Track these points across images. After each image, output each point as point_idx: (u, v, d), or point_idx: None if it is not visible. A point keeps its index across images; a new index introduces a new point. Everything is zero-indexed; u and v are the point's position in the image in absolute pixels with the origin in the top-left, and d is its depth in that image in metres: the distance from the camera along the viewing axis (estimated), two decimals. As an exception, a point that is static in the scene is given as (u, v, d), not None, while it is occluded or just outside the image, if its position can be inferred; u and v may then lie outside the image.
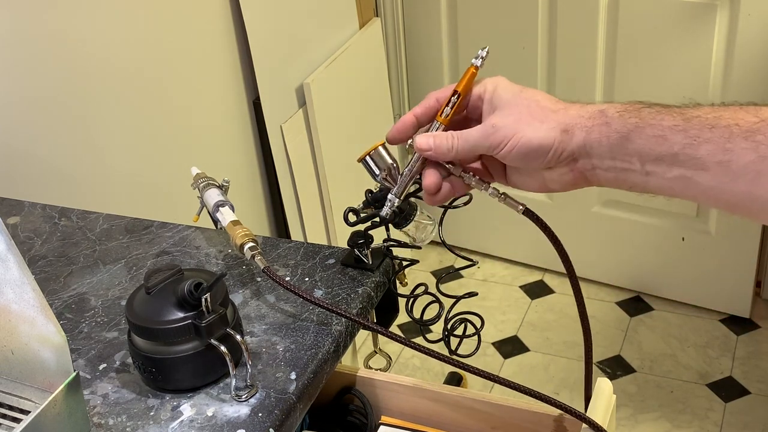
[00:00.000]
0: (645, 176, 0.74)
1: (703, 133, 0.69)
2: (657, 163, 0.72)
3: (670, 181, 0.72)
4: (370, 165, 0.86)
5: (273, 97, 2.04)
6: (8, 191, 1.33)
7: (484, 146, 0.80)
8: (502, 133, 0.78)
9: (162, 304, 0.88)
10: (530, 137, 0.77)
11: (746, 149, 0.67)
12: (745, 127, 0.67)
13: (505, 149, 0.78)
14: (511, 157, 0.79)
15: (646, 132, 0.72)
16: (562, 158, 0.77)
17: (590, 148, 0.75)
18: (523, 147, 0.77)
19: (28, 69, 1.42)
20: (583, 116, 0.76)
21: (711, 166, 0.69)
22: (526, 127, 0.77)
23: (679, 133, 0.70)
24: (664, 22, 2.20)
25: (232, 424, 0.87)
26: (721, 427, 2.17)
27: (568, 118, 0.77)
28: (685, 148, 0.70)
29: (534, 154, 0.78)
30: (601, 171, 0.77)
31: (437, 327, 1.04)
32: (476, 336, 1.03)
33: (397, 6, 2.54)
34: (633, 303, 2.57)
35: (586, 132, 0.76)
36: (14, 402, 0.86)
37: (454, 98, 0.83)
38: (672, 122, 0.71)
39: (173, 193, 1.68)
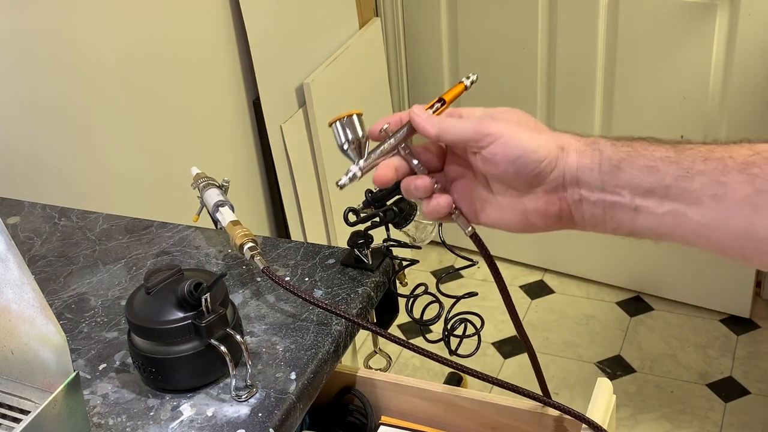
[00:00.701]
0: (634, 212, 0.70)
1: (696, 165, 0.66)
2: (648, 196, 0.68)
3: (660, 218, 0.68)
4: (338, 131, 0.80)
5: (273, 97, 2.04)
6: (8, 191, 1.33)
7: (475, 131, 0.73)
8: (497, 126, 0.72)
9: (162, 304, 0.88)
10: (526, 139, 0.72)
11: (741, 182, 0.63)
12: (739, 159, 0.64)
13: (496, 144, 0.72)
14: (501, 155, 0.72)
15: (638, 162, 0.68)
16: (553, 177, 0.72)
17: (581, 173, 0.71)
18: (516, 146, 0.71)
19: (28, 69, 1.42)
20: (576, 140, 0.73)
21: (704, 200, 0.65)
22: (523, 131, 0.72)
23: (671, 164, 0.67)
24: (664, 22, 2.20)
25: (232, 424, 0.87)
26: (721, 427, 2.17)
27: (562, 137, 0.73)
28: (678, 180, 0.66)
29: (526, 158, 0.71)
30: (588, 205, 0.72)
31: (437, 327, 1.04)
32: (476, 336, 1.03)
33: (397, 6, 2.54)
34: (633, 303, 2.57)
35: (579, 155, 0.71)
36: (14, 402, 0.86)
37: (438, 105, 0.79)
38: (664, 153, 0.68)
39: (173, 193, 1.68)
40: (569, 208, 0.73)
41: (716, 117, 2.23)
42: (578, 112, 2.43)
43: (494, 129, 0.72)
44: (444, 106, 0.79)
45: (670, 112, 2.29)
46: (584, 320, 2.52)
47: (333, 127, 0.80)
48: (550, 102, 2.46)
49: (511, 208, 0.75)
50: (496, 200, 0.76)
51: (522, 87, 2.47)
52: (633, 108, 2.34)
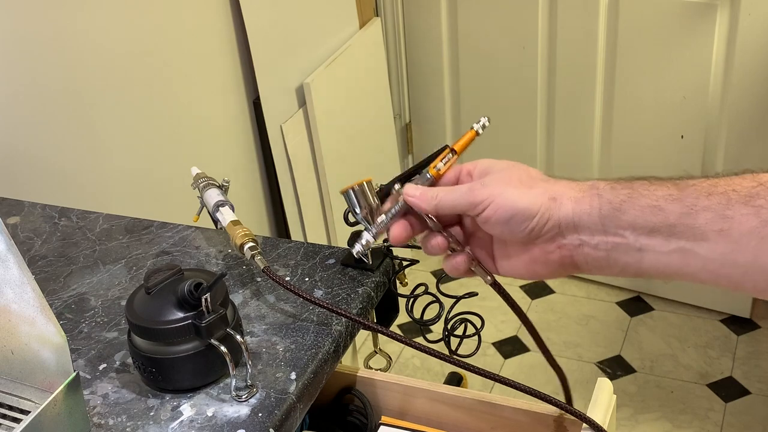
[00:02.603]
0: (639, 252, 0.69)
1: (700, 201, 0.65)
2: (652, 235, 0.67)
3: (667, 256, 0.67)
4: (351, 199, 0.83)
5: (273, 97, 2.04)
6: (8, 191, 1.33)
7: (467, 202, 0.75)
8: (488, 191, 0.73)
9: (162, 304, 0.88)
10: (515, 199, 0.72)
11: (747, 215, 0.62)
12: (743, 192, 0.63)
13: (489, 209, 0.73)
14: (495, 219, 0.74)
15: (639, 202, 0.68)
16: (548, 228, 0.72)
17: (579, 219, 0.71)
18: (508, 209, 0.72)
19: (29, 69, 1.42)
20: (572, 188, 0.73)
21: (711, 236, 0.64)
22: (513, 190, 0.73)
23: (674, 202, 0.66)
24: (664, 22, 2.20)
25: (232, 424, 0.87)
26: (721, 427, 2.17)
27: (557, 187, 0.73)
28: (682, 218, 0.65)
29: (518, 217, 0.72)
30: (589, 249, 0.72)
31: (437, 327, 1.04)
32: (476, 336, 1.03)
33: (397, 6, 2.54)
34: (633, 303, 2.57)
35: (574, 202, 0.71)
36: (14, 402, 0.86)
37: (450, 155, 0.80)
38: (666, 192, 0.67)
39: (173, 193, 1.68)
40: (570, 254, 0.73)
41: (716, 117, 2.23)
42: (578, 112, 2.43)
43: (485, 195, 0.74)
44: (455, 156, 0.80)
45: (670, 112, 2.29)
46: (584, 320, 2.52)
47: (345, 195, 0.83)
48: (550, 102, 2.46)
49: (518, 259, 0.77)
50: (507, 251, 0.78)
51: (522, 87, 2.47)
52: (633, 108, 2.34)
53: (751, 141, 2.22)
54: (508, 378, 0.88)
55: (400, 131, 2.70)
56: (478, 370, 0.88)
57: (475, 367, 0.88)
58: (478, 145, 0.91)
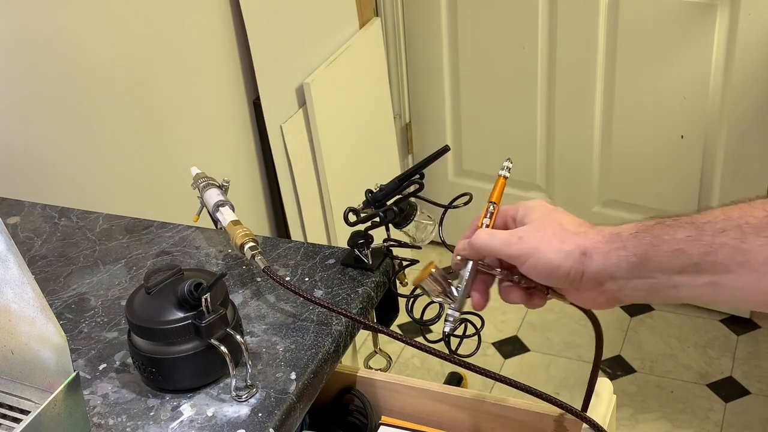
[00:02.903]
0: (674, 288, 0.74)
1: (717, 239, 0.70)
2: (682, 274, 0.72)
3: (700, 288, 0.72)
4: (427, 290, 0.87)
5: (273, 97, 2.04)
6: (8, 191, 1.33)
7: (505, 253, 0.81)
8: (524, 247, 0.79)
9: (162, 304, 0.88)
10: (550, 258, 0.78)
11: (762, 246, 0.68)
12: (755, 223, 0.68)
13: (526, 265, 0.79)
14: (534, 274, 0.80)
15: (662, 249, 0.73)
16: (585, 280, 0.78)
17: (612, 272, 0.76)
18: (543, 267, 0.79)
19: (29, 69, 1.42)
20: (600, 241, 0.77)
21: (734, 268, 0.69)
22: (547, 247, 0.78)
23: (694, 243, 0.71)
24: (664, 22, 2.20)
25: (232, 424, 0.87)
26: (721, 427, 2.17)
27: (587, 241, 0.78)
28: (705, 256, 0.70)
29: (554, 275, 0.79)
30: (629, 290, 0.77)
31: (437, 327, 1.04)
32: (476, 336, 1.03)
33: (397, 6, 2.54)
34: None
35: (603, 257, 0.76)
36: (14, 402, 0.86)
37: (491, 208, 0.86)
38: (685, 234, 0.72)
39: (173, 193, 1.68)
40: (614, 295, 0.79)
41: (716, 117, 2.23)
42: (578, 113, 2.43)
43: (520, 251, 0.79)
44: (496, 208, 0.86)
45: (670, 112, 2.29)
46: (584, 320, 2.49)
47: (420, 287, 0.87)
48: (550, 102, 2.46)
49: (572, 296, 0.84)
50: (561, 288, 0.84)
51: (522, 87, 2.47)
52: (633, 108, 2.34)
53: (751, 141, 2.22)
54: (507, 377, 0.88)
55: (400, 131, 2.70)
56: (478, 369, 0.88)
57: (475, 366, 0.88)
58: (480, 143, 0.91)
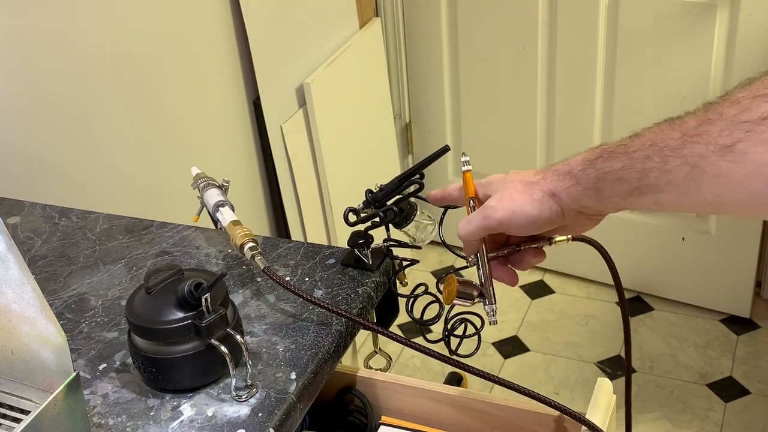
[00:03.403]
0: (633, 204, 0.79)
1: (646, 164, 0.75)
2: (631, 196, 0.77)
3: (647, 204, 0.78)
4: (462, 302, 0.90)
5: (273, 97, 2.04)
6: (8, 191, 1.33)
7: (488, 226, 0.85)
8: (500, 213, 0.84)
9: (162, 304, 0.88)
10: (528, 211, 0.83)
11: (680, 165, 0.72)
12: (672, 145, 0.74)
13: (510, 227, 0.84)
14: (520, 230, 0.85)
15: (607, 179, 0.78)
16: (567, 214, 0.83)
17: (580, 200, 0.81)
18: (526, 221, 0.83)
19: (28, 69, 1.42)
20: (558, 180, 0.83)
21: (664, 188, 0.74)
22: (520, 203, 0.83)
23: (628, 171, 0.76)
24: (664, 22, 2.20)
25: (232, 424, 0.87)
26: (721, 427, 2.17)
27: (548, 184, 0.83)
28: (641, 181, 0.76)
29: (538, 222, 0.83)
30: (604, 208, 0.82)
31: (437, 327, 1.04)
32: (476, 336, 1.03)
33: (397, 6, 2.54)
34: (633, 303, 2.57)
35: (566, 193, 0.82)
36: (14, 402, 0.86)
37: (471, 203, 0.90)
38: (621, 164, 0.77)
39: (173, 193, 1.68)
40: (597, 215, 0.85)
41: (716, 117, 2.23)
42: (578, 113, 2.43)
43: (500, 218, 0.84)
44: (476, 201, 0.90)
45: (670, 112, 2.26)
46: (584, 320, 2.52)
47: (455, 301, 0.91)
48: (550, 102, 2.46)
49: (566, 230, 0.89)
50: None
51: (522, 87, 2.47)
52: (633, 108, 2.34)
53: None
54: (505, 379, 0.88)
55: (400, 131, 2.70)
56: (476, 371, 0.88)
57: (474, 368, 0.88)
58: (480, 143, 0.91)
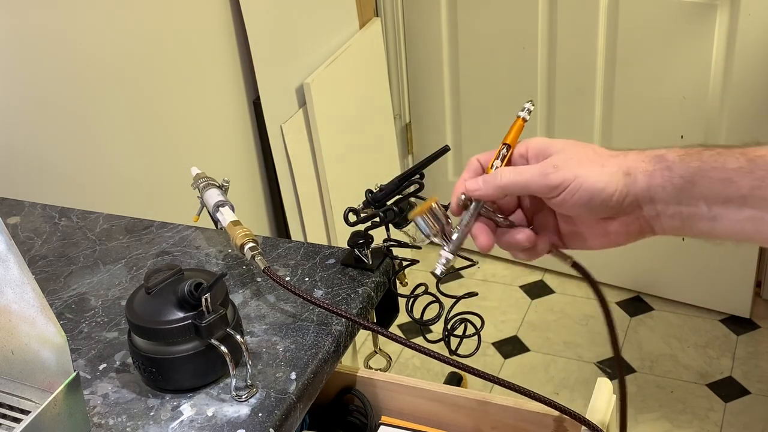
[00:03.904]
0: (712, 221, 0.71)
1: None
2: (725, 205, 0.69)
3: (740, 223, 0.69)
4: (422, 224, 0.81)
5: (273, 97, 2.04)
6: (8, 191, 1.33)
7: (540, 185, 0.73)
8: (562, 174, 0.72)
9: (162, 304, 0.88)
10: (594, 180, 0.72)
11: None
12: None
13: (565, 193, 0.72)
14: (572, 203, 0.73)
15: (710, 174, 0.69)
16: (626, 204, 0.73)
17: (654, 193, 0.72)
18: (587, 191, 0.72)
19: (28, 69, 1.42)
20: (643, 161, 0.72)
21: None
22: (588, 171, 0.72)
23: (745, 175, 0.68)
24: (664, 22, 2.20)
25: (232, 424, 0.87)
26: (721, 427, 2.17)
27: (628, 161, 0.73)
28: (754, 191, 0.67)
29: (597, 198, 0.72)
30: (665, 218, 0.73)
31: (437, 327, 1.04)
32: (476, 336, 1.03)
33: (397, 6, 2.54)
34: (633, 303, 2.57)
35: (648, 176, 0.72)
36: (14, 402, 0.86)
37: (504, 150, 0.78)
38: (736, 164, 0.68)
39: (173, 193, 1.68)
40: (648, 223, 0.74)
41: (716, 117, 2.23)
42: (578, 113, 2.43)
43: (560, 179, 0.73)
44: (510, 151, 0.79)
45: (670, 112, 2.29)
46: (584, 320, 2.52)
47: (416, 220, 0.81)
48: (550, 102, 2.46)
49: (593, 233, 0.77)
50: (576, 227, 0.78)
51: (522, 87, 2.47)
52: (633, 108, 2.34)
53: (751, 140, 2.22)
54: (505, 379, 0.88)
55: (400, 131, 2.70)
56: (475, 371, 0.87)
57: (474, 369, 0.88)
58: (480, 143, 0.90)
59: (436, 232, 0.79)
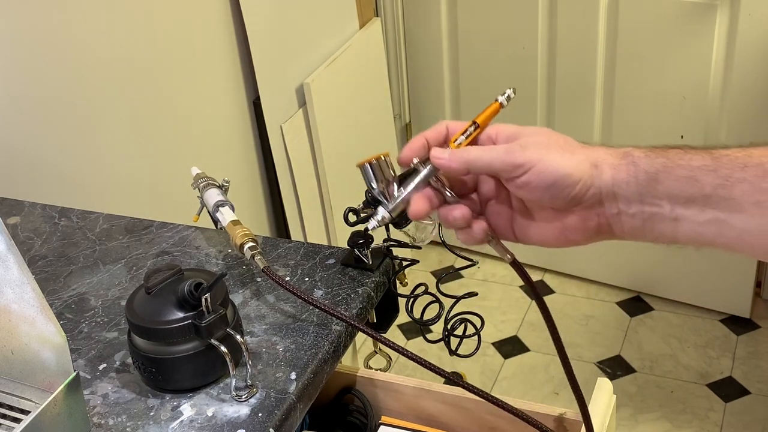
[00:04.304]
0: (674, 222, 0.69)
1: (735, 173, 0.65)
2: (688, 205, 0.67)
3: (702, 226, 0.68)
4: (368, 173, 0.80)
5: (273, 97, 2.04)
6: (8, 191, 1.33)
7: (505, 162, 0.71)
8: (528, 154, 0.70)
9: (162, 304, 0.88)
10: (559, 164, 0.70)
11: None
12: None
13: (529, 174, 0.70)
14: (535, 184, 0.70)
15: (675, 172, 0.67)
16: (589, 195, 0.70)
17: (618, 188, 0.70)
18: (551, 174, 0.70)
19: (29, 69, 1.42)
20: (610, 155, 0.71)
21: (747, 207, 0.65)
22: (555, 155, 0.70)
23: (709, 173, 0.66)
24: (664, 22, 2.20)
25: (232, 424, 0.87)
26: (721, 427, 2.17)
27: (596, 153, 0.71)
28: (718, 189, 0.65)
29: (561, 184, 0.70)
30: (626, 217, 0.71)
31: (437, 327, 1.04)
32: (476, 336, 1.03)
33: (397, 6, 2.54)
34: (633, 303, 2.57)
35: (613, 170, 0.70)
36: (14, 402, 0.86)
37: (471, 128, 0.76)
38: (701, 162, 0.67)
39: (173, 193, 1.68)
40: (608, 221, 0.72)
41: (716, 117, 2.23)
42: (578, 113, 2.43)
43: (525, 158, 0.71)
44: (477, 130, 0.76)
45: (670, 113, 2.29)
46: (584, 320, 2.52)
47: (362, 169, 0.79)
48: (550, 102, 2.46)
49: (549, 226, 0.74)
50: (533, 218, 0.75)
51: (522, 87, 2.47)
52: (633, 108, 2.34)
53: (751, 141, 2.22)
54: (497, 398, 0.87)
55: (400, 131, 2.70)
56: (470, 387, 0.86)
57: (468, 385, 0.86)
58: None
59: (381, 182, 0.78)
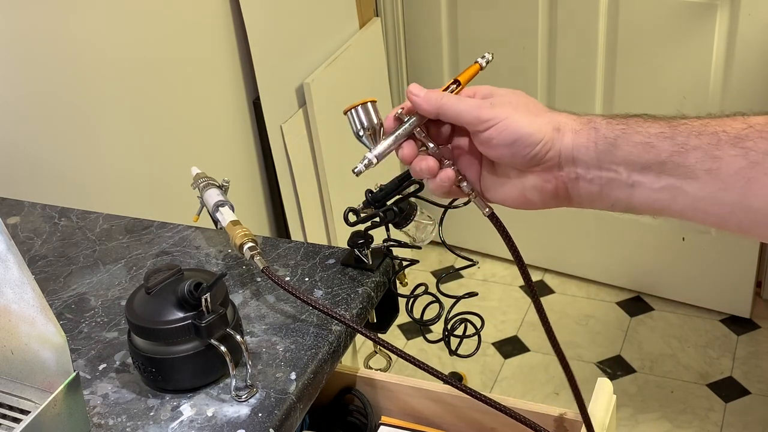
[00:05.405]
0: (630, 188, 0.71)
1: (690, 140, 0.67)
2: (644, 171, 0.70)
3: (657, 192, 0.70)
4: (354, 118, 0.82)
5: (273, 97, 2.04)
6: (8, 191, 1.33)
7: (472, 115, 0.75)
8: (495, 111, 0.74)
9: (162, 304, 0.88)
10: (522, 123, 0.73)
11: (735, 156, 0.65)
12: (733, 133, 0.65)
13: (493, 129, 0.74)
14: (497, 141, 0.74)
15: (633, 138, 0.70)
16: (549, 157, 0.74)
17: (577, 152, 0.73)
18: (514, 132, 0.73)
19: (28, 69, 1.42)
20: (573, 120, 0.75)
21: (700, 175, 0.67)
22: (520, 115, 0.74)
23: (665, 140, 0.69)
24: (664, 22, 2.20)
25: (232, 424, 0.87)
26: (721, 427, 2.17)
27: (560, 118, 0.75)
28: (673, 156, 0.68)
29: (523, 142, 0.73)
30: (584, 183, 0.74)
31: (437, 327, 1.04)
32: (476, 336, 1.03)
33: (397, 6, 2.54)
34: (633, 303, 2.57)
35: (574, 134, 0.73)
36: (14, 402, 0.86)
37: (453, 86, 0.80)
38: (658, 129, 0.70)
39: (173, 193, 1.68)
40: (565, 185, 0.75)
41: (716, 117, 2.23)
42: (578, 112, 2.43)
43: (492, 114, 0.74)
44: (459, 87, 0.80)
45: (670, 112, 2.28)
46: (584, 320, 2.52)
47: (348, 114, 0.81)
48: (550, 102, 2.46)
49: (510, 185, 0.77)
50: (497, 177, 0.78)
51: (522, 87, 2.46)
52: (633, 108, 2.31)
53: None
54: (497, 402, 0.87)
55: (400, 131, 2.70)
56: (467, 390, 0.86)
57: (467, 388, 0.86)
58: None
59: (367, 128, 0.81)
